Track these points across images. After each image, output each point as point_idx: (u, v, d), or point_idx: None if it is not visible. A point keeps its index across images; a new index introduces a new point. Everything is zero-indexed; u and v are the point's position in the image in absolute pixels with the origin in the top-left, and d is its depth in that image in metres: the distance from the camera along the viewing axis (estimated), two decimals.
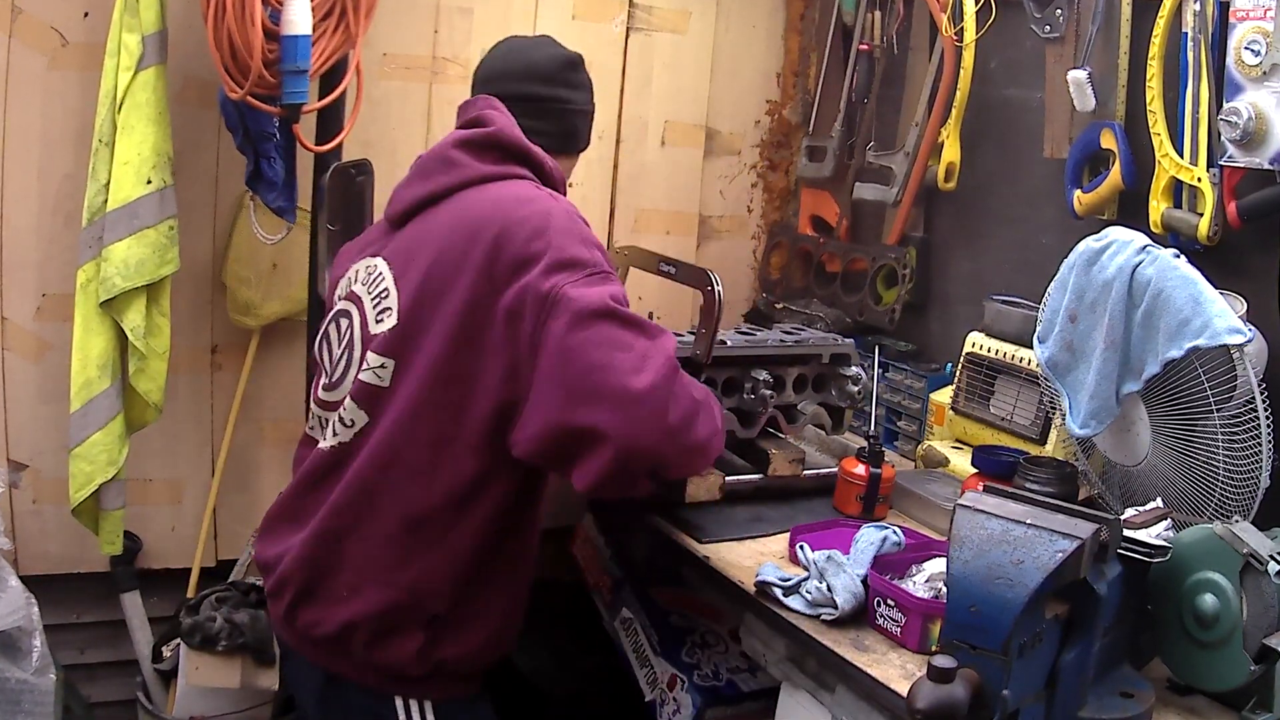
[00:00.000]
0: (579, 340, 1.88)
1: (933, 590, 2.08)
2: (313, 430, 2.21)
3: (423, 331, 2.01)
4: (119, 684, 3.04)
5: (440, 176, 2.13)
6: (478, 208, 2.05)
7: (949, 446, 2.84)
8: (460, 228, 2.03)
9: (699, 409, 1.98)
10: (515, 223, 1.98)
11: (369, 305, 2.11)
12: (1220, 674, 1.89)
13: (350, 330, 2.15)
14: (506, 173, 2.12)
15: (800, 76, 3.67)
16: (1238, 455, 2.09)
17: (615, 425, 1.87)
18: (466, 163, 2.12)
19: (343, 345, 2.16)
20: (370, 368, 2.05)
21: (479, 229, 1.99)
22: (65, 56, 2.75)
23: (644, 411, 1.88)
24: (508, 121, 2.17)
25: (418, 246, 2.08)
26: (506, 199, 2.05)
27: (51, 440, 2.83)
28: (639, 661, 2.83)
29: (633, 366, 1.89)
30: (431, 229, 2.09)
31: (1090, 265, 2.28)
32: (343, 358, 2.15)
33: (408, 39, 3.09)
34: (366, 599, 2.04)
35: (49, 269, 2.82)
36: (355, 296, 2.17)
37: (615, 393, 1.87)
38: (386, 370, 2.03)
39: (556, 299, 1.90)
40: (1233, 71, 2.33)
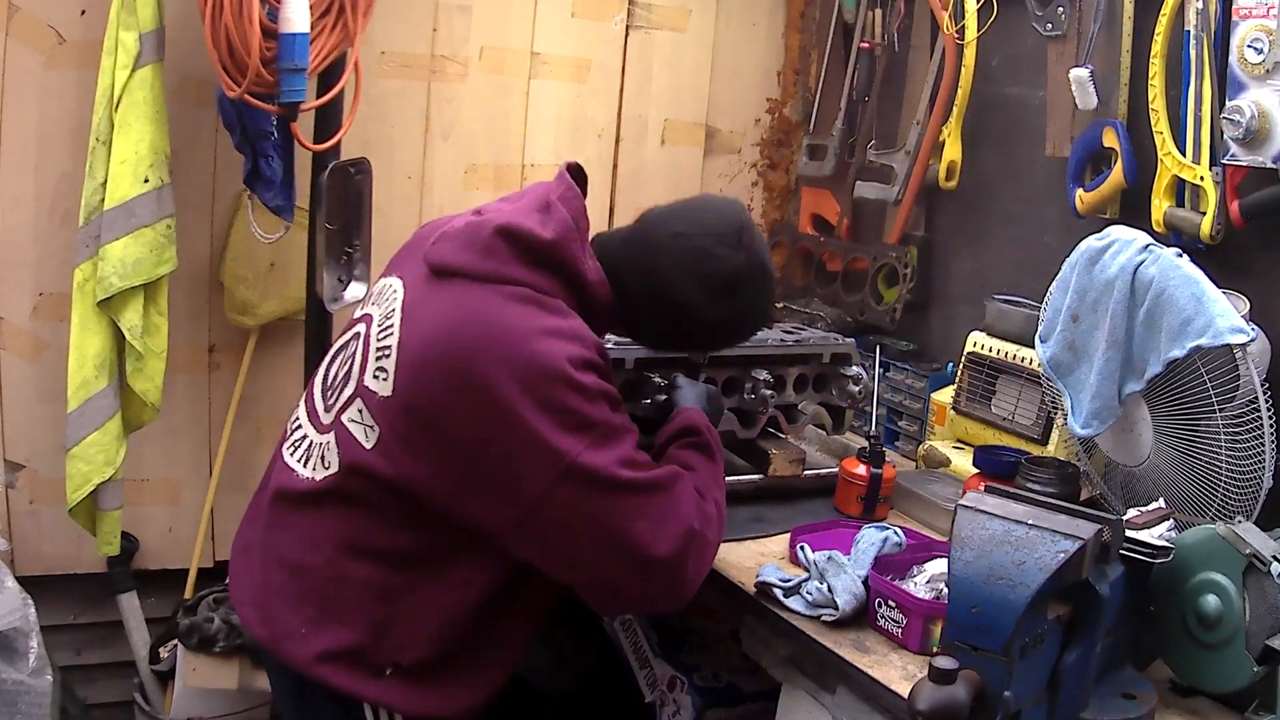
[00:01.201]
0: (590, 513, 1.86)
1: (934, 591, 2.08)
2: (292, 448, 2.09)
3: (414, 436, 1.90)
4: (116, 685, 3.04)
5: (477, 259, 1.95)
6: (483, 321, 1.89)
7: (950, 446, 2.84)
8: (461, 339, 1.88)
9: (713, 543, 2.02)
10: (518, 363, 1.84)
11: (373, 346, 1.99)
12: (1223, 675, 1.89)
13: (353, 359, 2.04)
14: (537, 283, 1.95)
15: (801, 74, 3.66)
16: (1240, 455, 2.08)
17: (636, 591, 1.92)
18: (504, 259, 1.94)
19: (344, 372, 2.05)
20: (361, 422, 1.95)
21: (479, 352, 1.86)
22: (62, 54, 2.74)
23: (662, 580, 1.92)
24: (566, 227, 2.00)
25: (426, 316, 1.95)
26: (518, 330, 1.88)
27: (48, 440, 2.82)
28: (639, 662, 2.82)
29: (651, 534, 1.89)
30: (442, 310, 1.93)
31: (1092, 264, 2.28)
32: (340, 386, 2.05)
33: (406, 37, 3.08)
34: (328, 637, 1.95)
35: (46, 268, 2.81)
36: (369, 319, 2.06)
37: (637, 563, 1.89)
38: (374, 434, 1.93)
39: (568, 469, 1.84)
40: (1235, 69, 2.32)
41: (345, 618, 1.95)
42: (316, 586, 1.97)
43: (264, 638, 2.02)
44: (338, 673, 1.95)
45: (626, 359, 2.46)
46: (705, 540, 1.97)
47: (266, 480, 2.16)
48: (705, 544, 1.97)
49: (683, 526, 1.91)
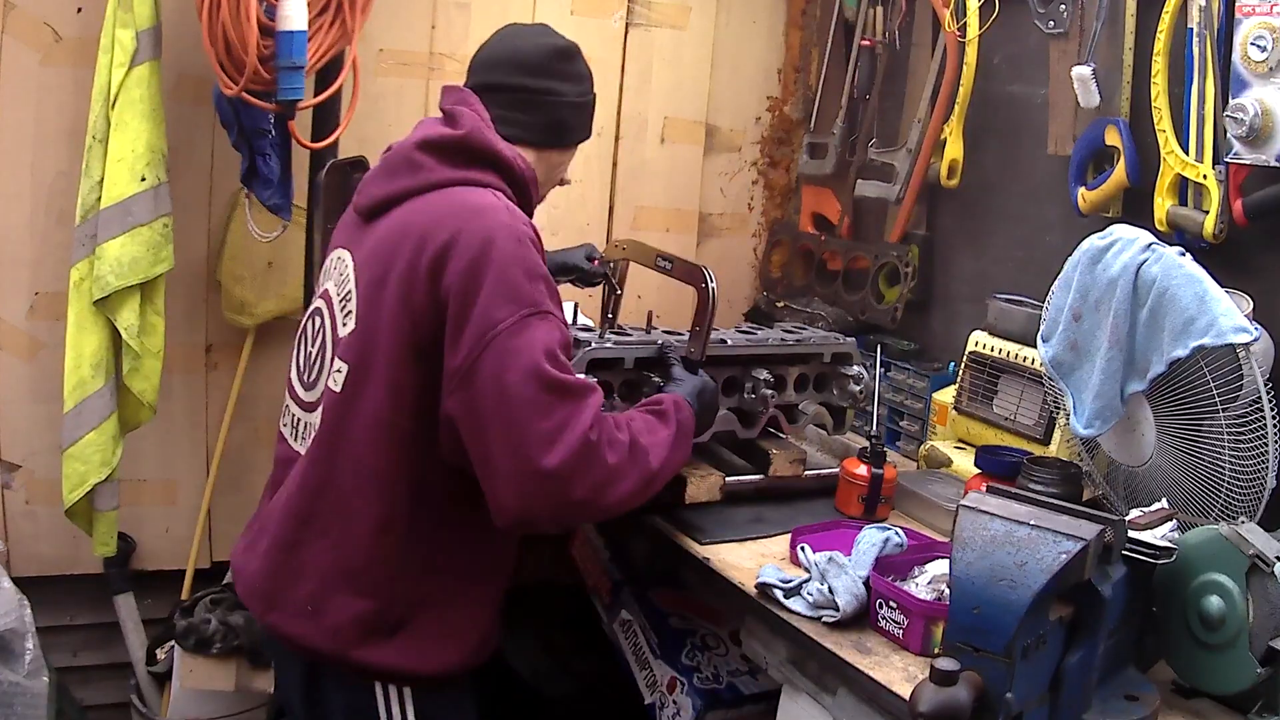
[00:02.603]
0: (502, 391, 1.89)
1: (935, 592, 2.07)
2: (286, 428, 2.19)
3: (374, 337, 2.00)
4: (113, 687, 3.03)
5: (404, 179, 2.09)
6: (431, 215, 2.01)
7: (952, 447, 2.83)
8: (412, 236, 2.00)
9: (619, 472, 1.99)
10: (463, 240, 1.94)
11: (337, 305, 2.10)
12: (1226, 676, 1.88)
13: (322, 330, 2.13)
14: (468, 178, 2.07)
15: (801, 72, 3.66)
16: (1244, 455, 2.07)
17: (511, 496, 1.91)
18: (430, 166, 2.08)
19: (316, 345, 2.14)
20: (333, 372, 2.04)
21: (426, 241, 1.97)
22: (58, 52, 2.74)
23: (543, 490, 1.90)
24: (477, 121, 2.11)
25: (378, 249, 2.06)
26: (461, 210, 2.01)
27: (45, 440, 2.82)
28: (638, 664, 2.81)
29: (546, 438, 1.89)
30: (390, 232, 2.05)
31: (1095, 263, 2.27)
32: (317, 359, 2.13)
33: (404, 34, 3.07)
34: (333, 612, 2.01)
35: (42, 267, 2.81)
36: (327, 295, 2.15)
37: (520, 466, 1.89)
38: (341, 375, 2.02)
39: (491, 340, 1.90)
40: (1239, 67, 2.31)
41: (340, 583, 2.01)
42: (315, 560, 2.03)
43: (270, 623, 2.08)
44: (346, 645, 2.01)
45: (626, 358, 2.45)
46: (601, 459, 1.95)
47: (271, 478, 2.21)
48: (600, 463, 1.95)
49: (578, 437, 1.91)
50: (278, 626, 2.07)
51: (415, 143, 2.10)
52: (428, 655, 2.05)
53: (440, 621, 2.07)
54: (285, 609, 2.05)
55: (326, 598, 2.02)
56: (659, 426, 2.15)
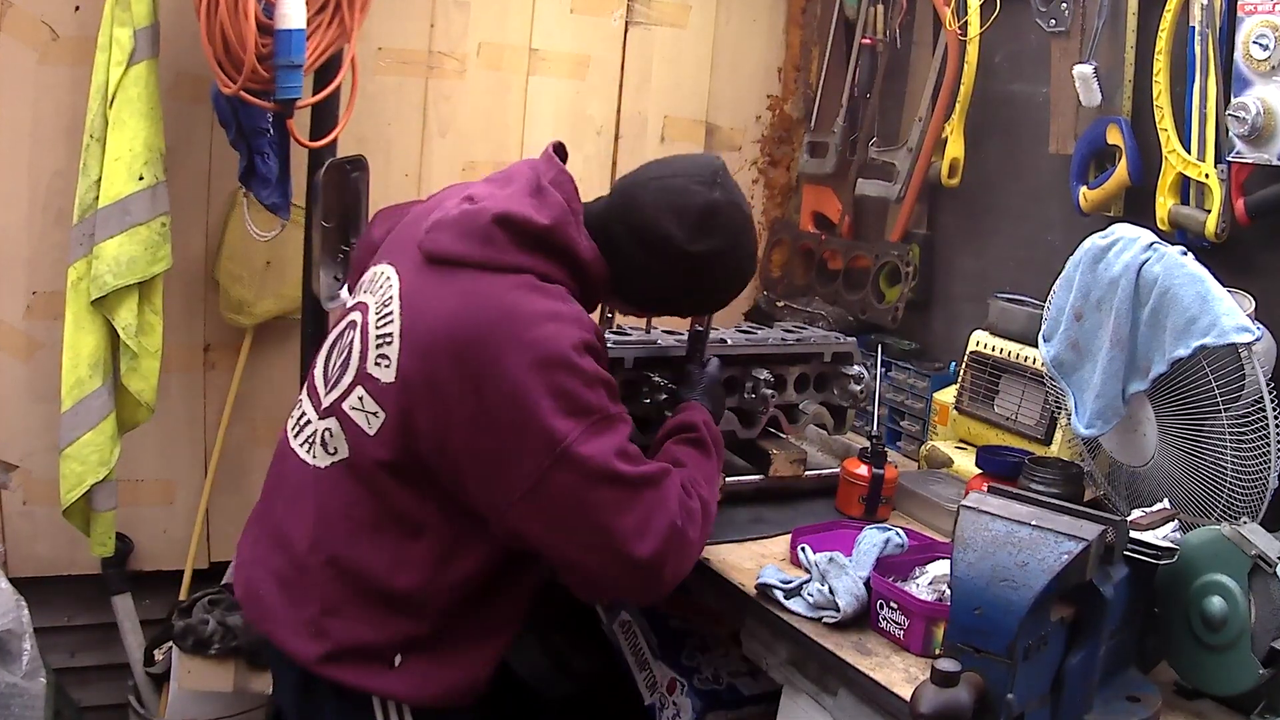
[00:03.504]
0: (581, 500, 1.88)
1: (936, 593, 2.07)
2: (297, 431, 2.13)
3: (416, 412, 1.92)
4: (110, 688, 3.02)
5: (476, 248, 1.97)
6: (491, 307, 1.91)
7: (953, 447, 2.82)
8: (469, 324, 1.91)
9: (700, 541, 2.03)
10: (525, 344, 1.88)
11: (372, 333, 2.01)
12: (1228, 678, 1.87)
13: (351, 349, 2.05)
14: (531, 266, 1.98)
15: (802, 71, 3.65)
16: (1246, 455, 2.07)
17: (603, 590, 1.99)
18: (504, 247, 1.97)
19: (341, 361, 2.07)
20: (363, 410, 1.98)
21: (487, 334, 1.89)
22: (56, 51, 2.73)
23: (636, 580, 1.94)
24: (565, 213, 2.03)
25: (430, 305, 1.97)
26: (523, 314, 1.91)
27: (42, 440, 2.81)
28: (638, 665, 2.80)
29: (636, 530, 1.90)
30: (446, 298, 1.95)
31: (1096, 263, 2.27)
32: (338, 376, 2.06)
33: (403, 33, 3.07)
34: (336, 636, 1.98)
35: (39, 266, 2.80)
36: (364, 310, 2.07)
37: (611, 563, 1.91)
38: (377, 420, 1.96)
39: (564, 453, 1.86)
40: (1241, 66, 2.31)
41: (348, 611, 1.99)
42: (326, 585, 2.00)
43: (268, 632, 2.06)
44: (344, 670, 1.98)
45: (626, 358, 2.44)
46: (687, 539, 1.97)
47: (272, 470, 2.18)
48: (686, 543, 1.97)
49: (665, 524, 1.92)
50: (276, 640, 2.05)
51: (495, 217, 1.97)
52: (428, 688, 2.03)
53: (446, 659, 2.04)
54: (286, 626, 2.02)
55: (331, 622, 1.99)
56: (704, 462, 2.16)
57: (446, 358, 1.90)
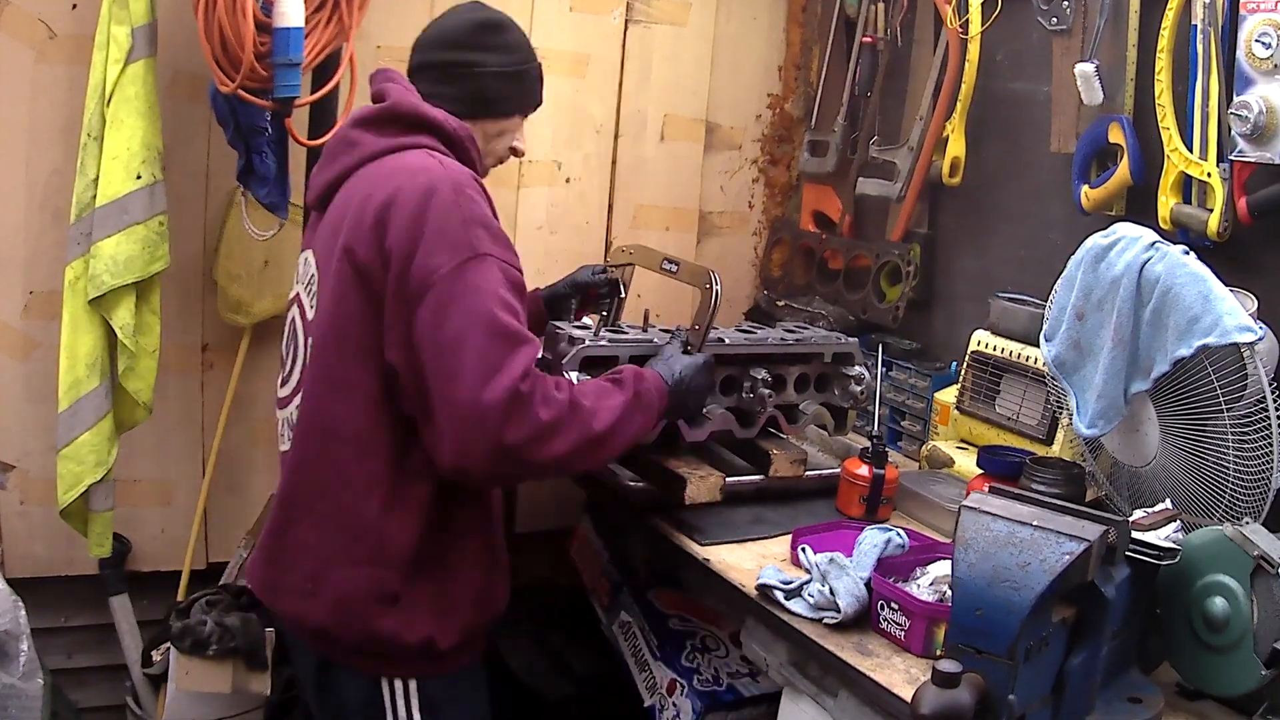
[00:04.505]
0: (438, 338, 1.94)
1: (937, 593, 2.07)
2: (280, 437, 2.27)
3: (336, 306, 2.05)
4: (108, 689, 3.01)
5: (343, 157, 2.15)
6: (371, 182, 2.06)
7: (954, 447, 2.82)
8: (354, 204, 2.05)
9: (553, 428, 2.00)
10: (402, 197, 1.99)
11: (305, 299, 2.17)
12: (1230, 678, 1.87)
13: (293, 326, 2.22)
14: (406, 144, 2.12)
15: (802, 69, 3.64)
16: (1248, 455, 2.06)
17: (446, 437, 1.94)
18: (366, 140, 2.13)
19: (290, 341, 2.24)
20: (307, 352, 2.13)
21: (367, 202, 2.02)
22: (53, 49, 2.72)
23: (475, 429, 1.93)
24: (402, 91, 2.18)
25: (326, 230, 2.12)
26: (398, 171, 2.05)
27: (39, 440, 2.80)
28: (638, 666, 2.80)
29: (478, 376, 1.92)
30: (336, 210, 2.11)
31: (1098, 262, 2.27)
32: (289, 353, 2.23)
33: (402, 31, 3.02)
34: (331, 587, 2.06)
35: (36, 266, 2.79)
36: (297, 298, 2.23)
37: (452, 404, 1.93)
38: (310, 351, 2.11)
39: (429, 289, 1.94)
40: (1243, 64, 2.31)
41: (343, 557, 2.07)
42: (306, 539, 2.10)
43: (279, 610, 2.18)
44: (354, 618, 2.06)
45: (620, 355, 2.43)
46: (535, 414, 1.96)
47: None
48: (533, 416, 1.96)
49: (508, 381, 1.93)
50: (283, 611, 2.16)
51: (349, 123, 2.19)
52: (431, 621, 2.09)
53: (437, 583, 2.10)
54: (288, 592, 2.12)
55: (323, 575, 2.07)
56: (612, 392, 2.17)
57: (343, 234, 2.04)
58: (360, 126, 2.16)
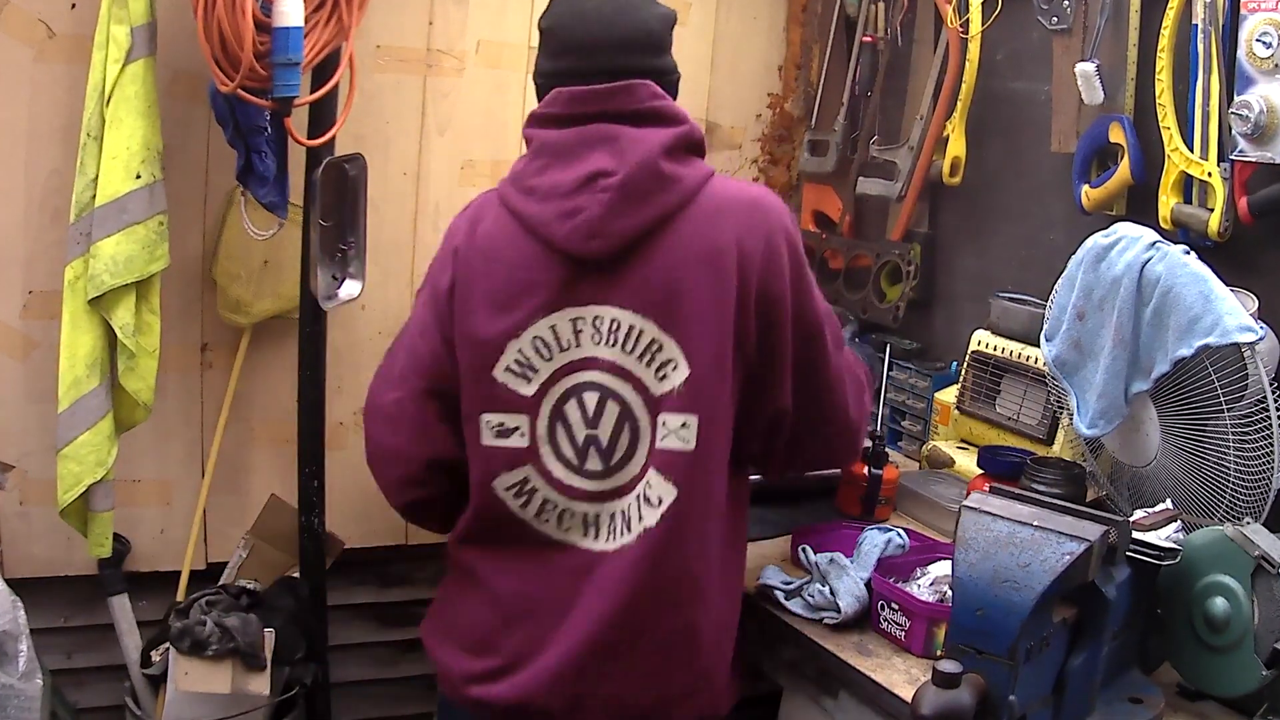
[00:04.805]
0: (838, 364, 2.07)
1: (938, 593, 2.07)
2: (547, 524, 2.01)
3: (717, 372, 1.92)
4: (107, 689, 3.00)
5: (662, 197, 1.90)
6: (721, 228, 1.91)
7: (954, 447, 2.82)
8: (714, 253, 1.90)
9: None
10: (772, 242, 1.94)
11: (637, 366, 1.93)
12: (1231, 679, 1.87)
13: (614, 403, 1.95)
14: (707, 172, 1.97)
15: (802, 69, 3.64)
16: (1249, 456, 2.06)
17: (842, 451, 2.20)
18: (681, 175, 1.92)
19: (609, 425, 1.96)
20: (672, 431, 1.92)
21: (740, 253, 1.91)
22: (52, 49, 2.71)
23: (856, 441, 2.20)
24: (685, 112, 1.98)
25: (669, 283, 1.91)
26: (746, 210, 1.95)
27: (39, 440, 2.79)
28: None
29: (857, 399, 2.12)
30: (677, 260, 1.90)
31: (1098, 262, 2.27)
32: (617, 439, 1.96)
33: (401, 31, 3.05)
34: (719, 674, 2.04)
35: (36, 265, 2.78)
36: (600, 363, 1.95)
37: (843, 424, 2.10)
38: (690, 430, 1.92)
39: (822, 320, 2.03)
40: (1244, 64, 2.30)
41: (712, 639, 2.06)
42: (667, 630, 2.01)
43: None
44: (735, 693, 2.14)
45: None
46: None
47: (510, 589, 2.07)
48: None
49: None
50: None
51: (658, 154, 1.90)
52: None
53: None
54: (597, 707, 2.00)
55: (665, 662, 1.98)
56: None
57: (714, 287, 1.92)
58: (671, 160, 1.91)
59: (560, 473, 1.97)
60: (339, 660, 3.09)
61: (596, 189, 1.88)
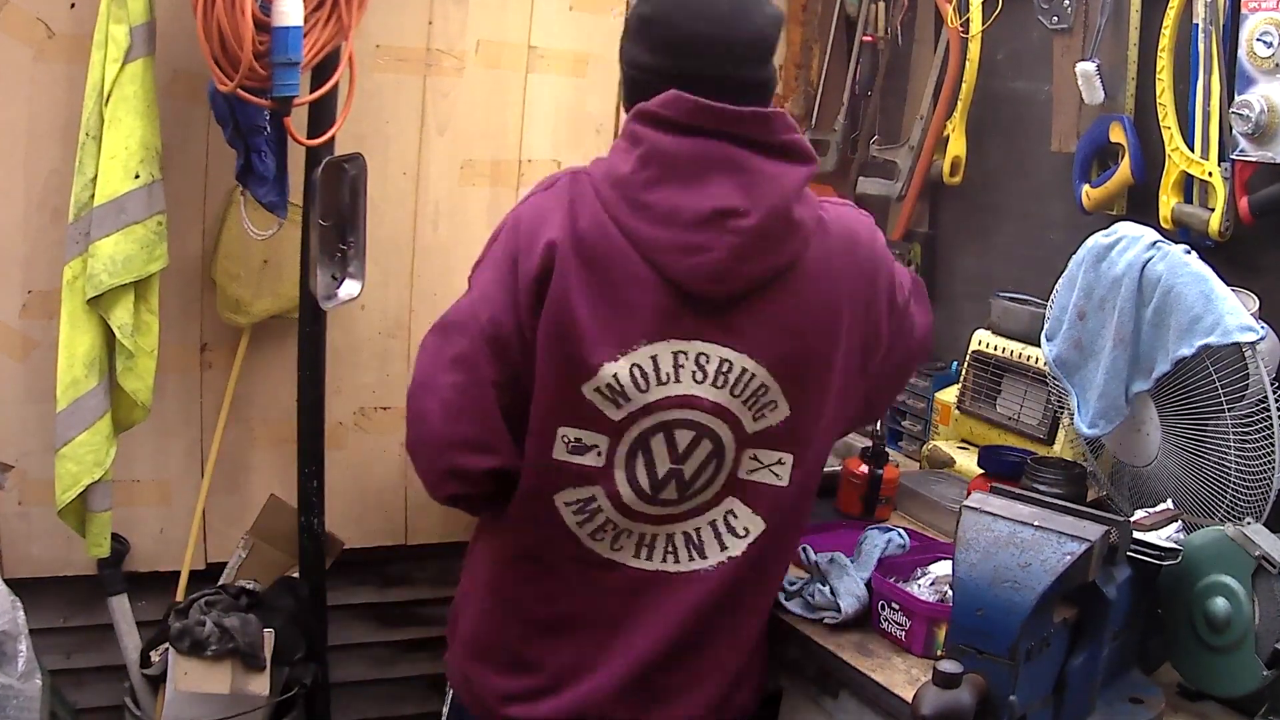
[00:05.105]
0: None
1: (938, 593, 2.07)
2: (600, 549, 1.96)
3: (818, 415, 1.94)
4: (106, 689, 3.00)
5: (790, 244, 1.84)
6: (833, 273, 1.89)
7: (954, 447, 2.81)
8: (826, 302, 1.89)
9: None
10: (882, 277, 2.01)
11: (736, 406, 1.88)
12: (1232, 679, 1.87)
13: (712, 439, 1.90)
14: (817, 208, 1.93)
15: (802, 69, 3.63)
16: (1250, 456, 2.06)
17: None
18: (805, 219, 1.85)
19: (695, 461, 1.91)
20: (765, 465, 1.92)
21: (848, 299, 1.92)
22: (51, 48, 2.71)
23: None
24: (809, 144, 1.90)
25: (784, 328, 1.87)
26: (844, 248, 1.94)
27: (37, 440, 2.79)
28: None
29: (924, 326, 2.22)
30: (792, 306, 1.86)
31: (1099, 262, 2.26)
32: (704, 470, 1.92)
33: (401, 30, 3.05)
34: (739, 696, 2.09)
35: (35, 265, 2.78)
36: (693, 400, 1.87)
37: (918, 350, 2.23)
38: (785, 467, 1.93)
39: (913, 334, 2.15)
40: (1245, 63, 2.30)
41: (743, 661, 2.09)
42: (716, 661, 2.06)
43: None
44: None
45: None
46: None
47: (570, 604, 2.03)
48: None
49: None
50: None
51: (789, 201, 1.82)
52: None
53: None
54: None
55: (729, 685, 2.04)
56: None
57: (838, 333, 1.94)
58: (801, 203, 1.84)
59: (629, 498, 1.90)
60: (338, 660, 3.08)
61: (726, 229, 1.77)
